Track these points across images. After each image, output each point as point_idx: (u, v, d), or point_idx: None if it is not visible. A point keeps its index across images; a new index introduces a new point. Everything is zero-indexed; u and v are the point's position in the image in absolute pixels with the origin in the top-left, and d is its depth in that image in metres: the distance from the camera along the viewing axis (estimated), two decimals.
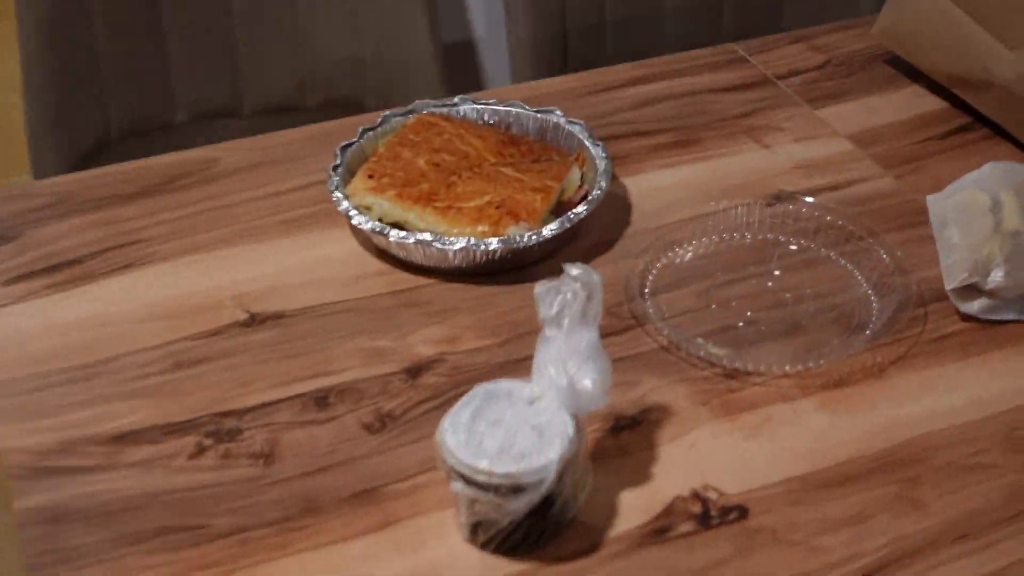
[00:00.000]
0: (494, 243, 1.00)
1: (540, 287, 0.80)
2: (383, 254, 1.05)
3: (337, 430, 0.90)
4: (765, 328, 0.99)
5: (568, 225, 1.03)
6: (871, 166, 1.17)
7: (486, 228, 1.02)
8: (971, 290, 0.98)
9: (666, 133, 1.22)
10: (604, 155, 1.10)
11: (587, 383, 0.79)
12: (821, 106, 1.26)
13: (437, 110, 1.16)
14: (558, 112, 1.15)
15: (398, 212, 1.04)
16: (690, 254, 1.07)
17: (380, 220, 1.04)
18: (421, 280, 1.04)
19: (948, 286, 0.98)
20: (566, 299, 0.80)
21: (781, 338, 0.98)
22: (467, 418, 0.79)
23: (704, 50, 1.35)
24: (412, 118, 1.14)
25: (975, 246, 0.99)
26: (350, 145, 1.11)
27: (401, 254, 1.04)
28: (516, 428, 0.79)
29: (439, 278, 1.04)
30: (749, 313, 1.01)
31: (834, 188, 1.14)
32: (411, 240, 1.01)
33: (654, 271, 1.05)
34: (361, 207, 1.05)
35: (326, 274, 1.04)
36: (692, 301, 1.02)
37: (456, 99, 1.17)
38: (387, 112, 1.15)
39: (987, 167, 1.06)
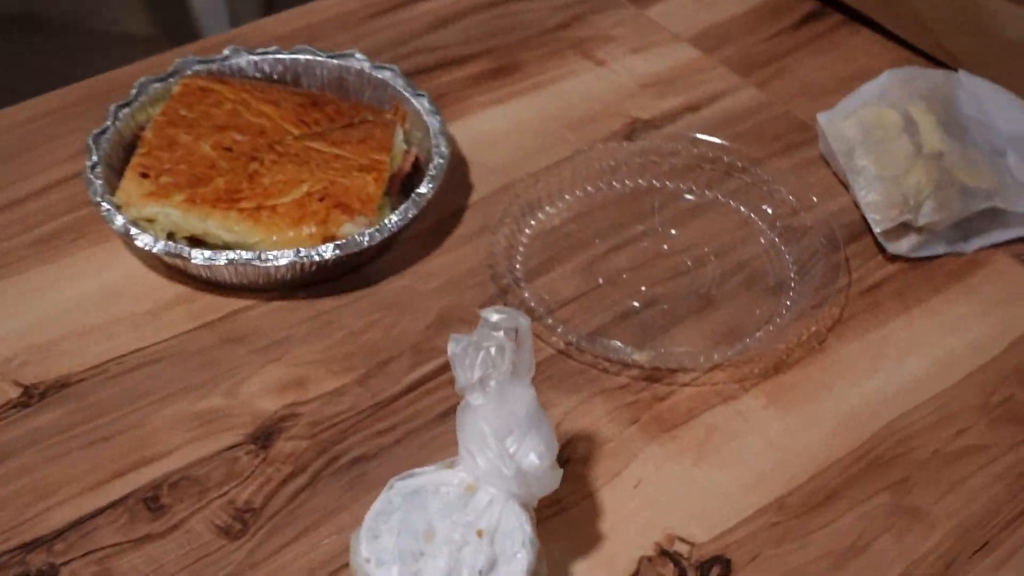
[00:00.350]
0: (329, 250, 0.79)
1: (454, 345, 0.60)
2: (177, 271, 0.82)
3: (184, 542, 0.68)
4: (670, 306, 0.82)
5: (415, 213, 0.82)
6: (726, 74, 1.00)
7: (313, 230, 0.80)
8: (899, 227, 0.84)
9: (480, 59, 1.01)
10: (431, 107, 0.89)
11: (534, 459, 0.61)
12: (647, 4, 1.07)
13: (203, 67, 0.91)
14: (358, 55, 0.92)
15: (193, 222, 0.80)
16: (556, 217, 0.88)
17: (171, 235, 0.81)
18: (237, 302, 0.81)
19: (877, 228, 0.83)
20: (490, 356, 0.60)
21: (694, 316, 0.82)
22: (391, 540, 0.59)
23: None
24: (176, 83, 0.89)
25: (898, 178, 0.84)
26: (104, 132, 0.85)
27: (205, 274, 0.80)
28: (459, 541, 0.59)
29: (259, 297, 0.82)
30: (644, 288, 0.83)
31: (694, 108, 0.97)
32: (221, 261, 0.78)
33: (521, 247, 0.86)
34: (141, 220, 0.81)
35: (111, 312, 0.80)
36: (576, 282, 0.83)
37: (226, 50, 0.93)
38: (141, 80, 0.89)
39: (884, 76, 0.91)
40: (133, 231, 0.79)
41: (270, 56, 0.93)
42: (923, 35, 0.99)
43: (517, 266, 0.84)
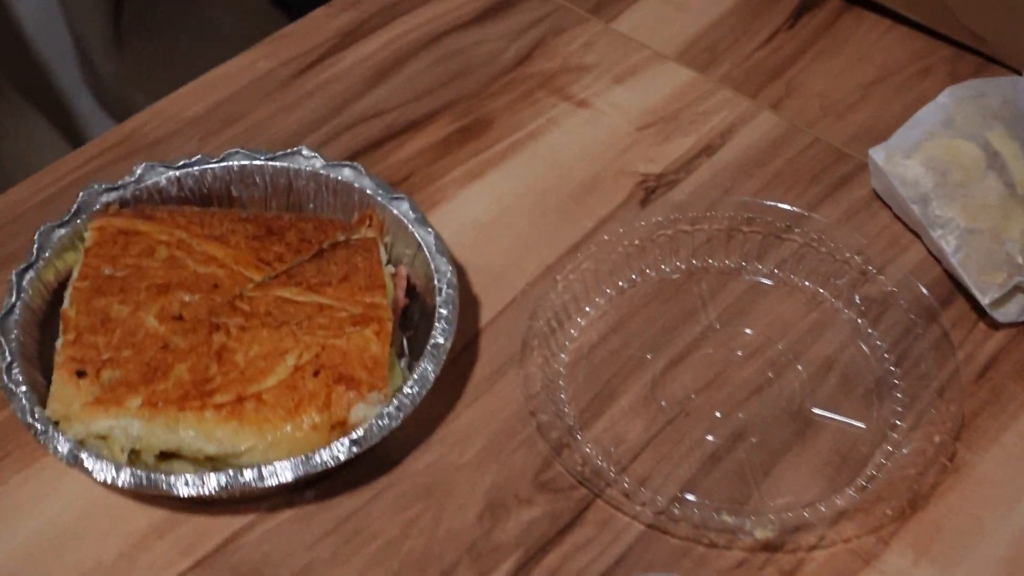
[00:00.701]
0: (344, 450, 0.61)
1: None
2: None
3: None
4: (761, 437, 0.67)
5: (437, 373, 0.65)
6: (732, 98, 0.84)
7: (316, 419, 0.62)
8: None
9: (439, 119, 0.83)
10: (416, 214, 0.71)
11: None
12: (611, 15, 0.90)
13: (114, 195, 0.72)
14: (305, 151, 0.74)
15: (161, 434, 0.62)
16: (592, 330, 0.72)
17: (133, 453, 0.62)
18: (232, 521, 0.64)
19: (985, 299, 0.69)
20: None
21: (794, 446, 0.67)
22: None
23: None
24: (85, 226, 0.70)
25: (995, 229, 0.70)
26: (11, 312, 0.66)
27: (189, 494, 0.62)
28: None
29: (259, 508, 0.64)
30: (723, 415, 0.68)
31: (709, 150, 0.81)
32: (211, 487, 0.60)
33: (561, 380, 0.70)
34: (90, 439, 0.62)
35: (67, 564, 0.62)
36: (642, 419, 0.68)
37: (137, 168, 0.73)
38: (41, 229, 0.69)
39: (944, 96, 0.76)
40: (86, 459, 0.60)
41: (195, 169, 0.73)
42: (941, 15, 0.85)
43: (565, 408, 0.68)
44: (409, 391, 0.63)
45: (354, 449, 0.61)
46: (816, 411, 0.68)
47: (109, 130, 0.82)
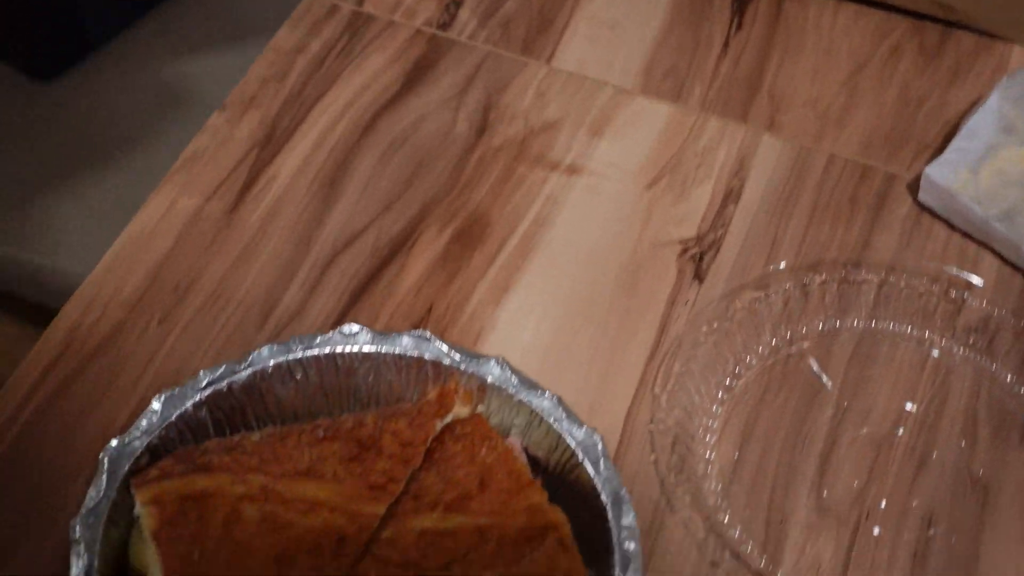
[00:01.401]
0: None
1: None
2: None
3: None
4: (949, 522, 0.62)
5: None
6: (723, 127, 0.77)
7: None
8: None
9: (425, 229, 0.71)
10: (500, 367, 0.60)
11: None
12: (544, 52, 0.80)
13: (137, 445, 0.57)
14: (345, 328, 0.61)
15: None
16: (722, 446, 0.64)
17: None
18: None
19: None
20: None
21: (985, 522, 0.62)
22: None
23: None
24: (139, 501, 0.55)
25: None
26: None
27: None
28: None
29: None
30: (894, 503, 0.63)
31: (732, 197, 0.74)
32: None
33: (724, 516, 0.62)
34: None
35: None
36: (826, 539, 0.61)
37: (155, 402, 0.58)
38: (76, 521, 0.54)
39: (994, 99, 0.71)
40: None
41: (223, 384, 0.59)
42: None
43: (747, 550, 0.60)
44: None
45: None
46: (984, 471, 0.63)
47: (35, 346, 0.65)
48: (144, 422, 0.57)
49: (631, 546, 0.54)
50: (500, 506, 0.55)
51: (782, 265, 0.69)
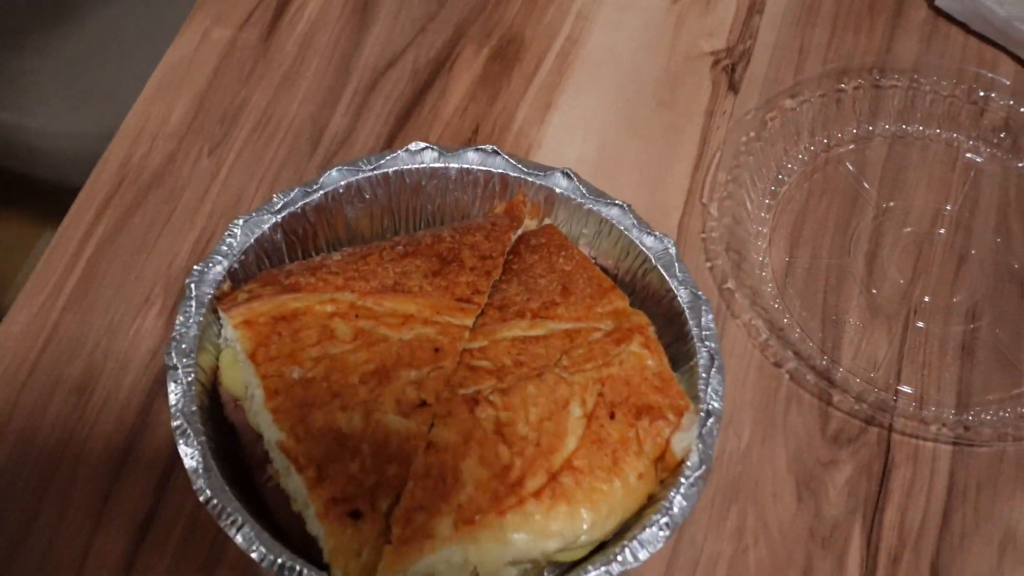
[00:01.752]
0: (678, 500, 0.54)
1: None
2: None
3: None
4: (995, 313, 0.66)
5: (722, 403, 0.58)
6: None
7: (640, 467, 0.55)
8: None
9: (462, 49, 0.72)
10: (566, 178, 0.61)
11: None
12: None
13: (218, 270, 0.58)
14: (412, 145, 0.61)
15: (490, 550, 0.53)
16: (774, 249, 0.67)
17: None
18: None
19: None
20: None
21: None
22: None
23: None
24: (225, 327, 0.56)
25: None
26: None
27: None
28: None
29: None
30: (947, 299, 0.66)
31: (756, 6, 0.74)
32: None
33: (784, 318, 0.64)
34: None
35: None
36: (880, 333, 0.64)
37: (235, 228, 0.58)
38: (168, 347, 0.55)
39: None
40: None
41: (298, 207, 0.59)
42: None
43: (808, 346, 0.63)
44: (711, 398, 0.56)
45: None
46: (1018, 265, 0.66)
47: (89, 179, 0.64)
48: (224, 247, 0.57)
49: (713, 345, 0.56)
50: (585, 311, 0.57)
51: (812, 74, 0.70)
